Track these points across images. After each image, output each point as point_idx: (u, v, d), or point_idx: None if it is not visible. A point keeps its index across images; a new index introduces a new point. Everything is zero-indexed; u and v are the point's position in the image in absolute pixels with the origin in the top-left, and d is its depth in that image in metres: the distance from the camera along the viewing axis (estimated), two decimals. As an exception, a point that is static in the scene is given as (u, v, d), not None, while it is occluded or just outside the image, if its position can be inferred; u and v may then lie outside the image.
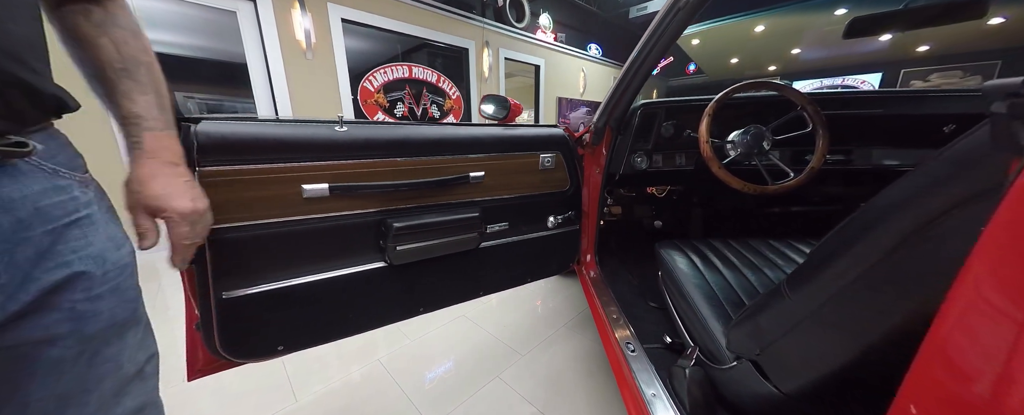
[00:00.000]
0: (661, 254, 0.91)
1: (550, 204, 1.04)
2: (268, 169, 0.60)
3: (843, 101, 1.07)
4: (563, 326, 1.43)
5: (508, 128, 0.93)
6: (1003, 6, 3.69)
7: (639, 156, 1.12)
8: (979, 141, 0.29)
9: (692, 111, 1.09)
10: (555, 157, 1.00)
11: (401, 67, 3.12)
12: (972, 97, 1.05)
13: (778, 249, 0.89)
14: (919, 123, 1.07)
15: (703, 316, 0.68)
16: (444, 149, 0.80)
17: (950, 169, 0.31)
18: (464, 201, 0.86)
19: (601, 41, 5.52)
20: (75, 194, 0.34)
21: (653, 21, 0.75)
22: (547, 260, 1.10)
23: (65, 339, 0.32)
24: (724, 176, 0.90)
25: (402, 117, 3.18)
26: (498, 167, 0.89)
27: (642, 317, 1.00)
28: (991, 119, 0.26)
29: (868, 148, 1.13)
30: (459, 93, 3.62)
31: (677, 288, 0.82)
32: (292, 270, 0.67)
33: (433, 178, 0.78)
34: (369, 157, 0.71)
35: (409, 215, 0.77)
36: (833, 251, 0.41)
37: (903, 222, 0.33)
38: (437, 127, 0.82)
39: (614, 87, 0.95)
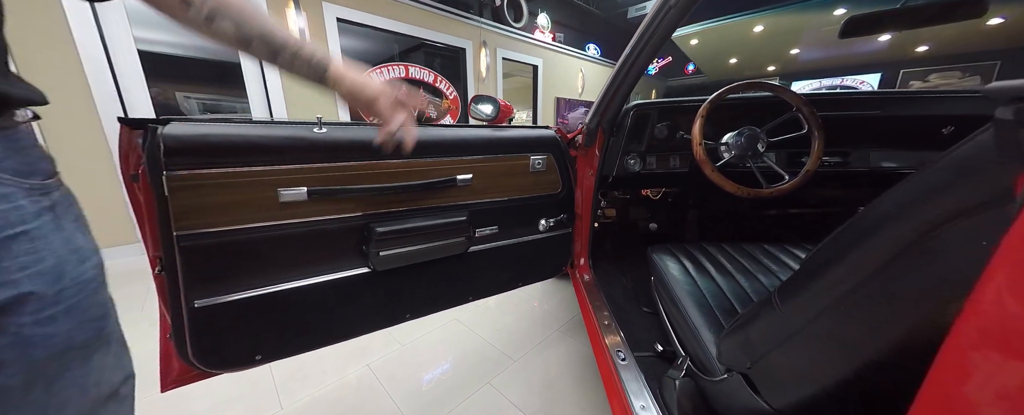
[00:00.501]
0: (653, 259, 0.89)
1: (541, 207, 1.03)
2: (241, 172, 0.58)
3: (839, 102, 1.05)
4: (557, 330, 1.41)
5: (498, 129, 0.91)
6: (1002, 6, 3.67)
7: (632, 158, 1.10)
8: (981, 147, 0.27)
9: (685, 112, 1.07)
10: (546, 159, 0.98)
11: (398, 67, 3.10)
12: (971, 98, 1.04)
13: (773, 254, 0.87)
14: (917, 124, 1.06)
15: (694, 325, 0.66)
16: (430, 151, 0.78)
17: (950, 177, 0.28)
18: (451, 204, 0.84)
19: (599, 41, 5.50)
20: (20, 203, 0.32)
21: (643, 21, 0.73)
22: (539, 264, 1.08)
23: (9, 367, 0.30)
24: (718, 179, 0.88)
25: (398, 117, 3.16)
26: (487, 169, 0.87)
27: (634, 322, 0.98)
28: (994, 124, 0.24)
29: (866, 150, 1.11)
30: (457, 93, 3.60)
31: (669, 294, 0.80)
32: (269, 277, 0.65)
33: (419, 181, 0.76)
34: (350, 159, 0.69)
35: (393, 219, 0.75)
36: (827, 261, 0.39)
37: (900, 232, 0.31)
38: (423, 128, 0.79)
39: (605, 88, 0.93)
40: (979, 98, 1.06)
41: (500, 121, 0.97)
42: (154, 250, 0.58)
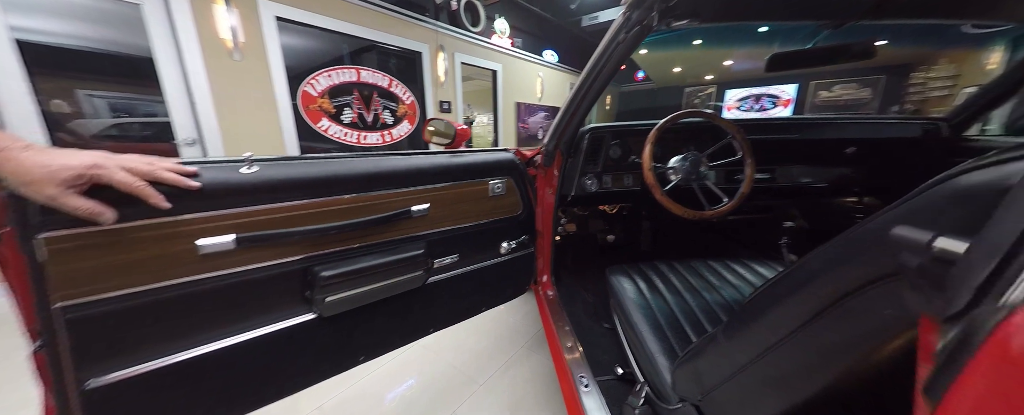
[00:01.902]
0: (611, 281, 0.92)
1: (503, 230, 1.01)
2: (148, 226, 0.50)
3: (766, 127, 1.17)
4: (523, 346, 1.41)
5: (455, 155, 0.88)
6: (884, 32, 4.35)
7: (590, 179, 1.13)
8: (875, 230, 0.30)
9: (636, 135, 1.14)
10: (506, 182, 0.97)
11: (348, 70, 2.91)
12: (867, 124, 1.21)
13: (716, 270, 0.94)
14: (827, 146, 1.21)
15: (650, 350, 0.69)
16: (381, 184, 0.73)
17: (856, 250, 0.32)
18: (408, 237, 0.79)
19: (557, 47, 5.63)
20: None
21: (594, 54, 0.76)
22: (502, 287, 1.07)
23: None
24: (666, 203, 0.93)
25: (351, 123, 2.98)
26: (445, 197, 0.84)
27: (595, 343, 1.00)
28: (900, 269, 0.26)
29: (788, 168, 1.25)
30: (413, 98, 3.48)
31: (625, 316, 0.83)
32: (191, 339, 0.56)
33: (369, 216, 0.71)
34: (290, 199, 0.62)
35: (341, 260, 0.69)
36: (764, 308, 0.42)
37: (824, 290, 0.34)
38: (372, 160, 0.74)
39: (562, 112, 0.94)
40: (872, 123, 1.23)
41: (457, 145, 0.94)
42: (29, 322, 0.47)
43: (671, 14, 0.64)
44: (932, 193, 0.25)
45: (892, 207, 0.29)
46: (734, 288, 0.85)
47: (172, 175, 0.49)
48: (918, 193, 0.27)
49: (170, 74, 2.05)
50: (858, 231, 0.32)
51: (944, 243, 0.22)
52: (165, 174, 0.48)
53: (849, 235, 0.33)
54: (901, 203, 0.28)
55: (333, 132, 2.84)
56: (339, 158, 0.72)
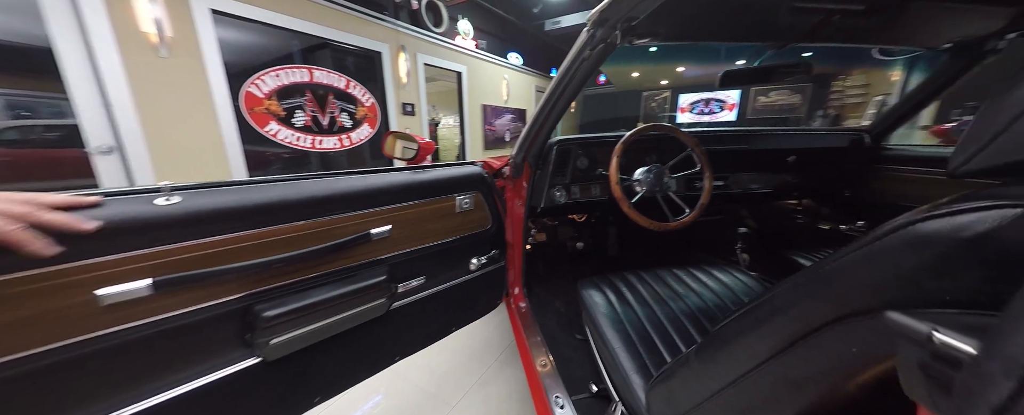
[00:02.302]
0: (582, 294, 0.91)
1: (472, 246, 0.98)
2: (27, 278, 0.40)
3: (721, 138, 1.24)
4: (496, 360, 1.37)
5: (418, 171, 0.83)
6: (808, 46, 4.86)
7: (558, 190, 1.13)
8: (838, 270, 0.30)
9: (602, 146, 1.16)
10: (474, 197, 0.93)
11: (299, 70, 2.70)
12: (805, 134, 1.33)
13: (680, 278, 0.97)
14: (772, 155, 1.31)
15: (624, 368, 0.69)
16: (335, 207, 0.66)
17: (817, 289, 0.32)
18: (368, 262, 0.73)
19: (521, 50, 5.65)
20: None
21: (560, 70, 0.76)
22: (473, 304, 1.03)
23: None
24: (634, 215, 0.95)
25: (304, 127, 2.76)
26: (408, 217, 0.78)
27: (569, 357, 0.99)
28: (900, 360, 0.25)
29: (739, 175, 1.33)
30: (374, 100, 3.31)
31: (598, 330, 0.83)
32: (95, 405, 0.47)
33: (321, 244, 0.64)
34: (222, 232, 0.54)
35: (288, 295, 0.62)
36: (734, 336, 0.43)
37: (789, 326, 0.34)
38: (325, 181, 0.67)
39: (530, 126, 0.93)
40: (809, 135, 1.35)
41: (421, 160, 0.88)
42: None
43: (633, 33, 0.64)
44: (892, 239, 0.26)
45: (854, 247, 0.29)
46: (697, 296, 0.88)
47: (58, 218, 0.40)
48: (878, 237, 0.27)
49: (75, 69, 1.76)
50: (823, 269, 0.32)
51: (947, 339, 0.21)
52: (48, 217, 0.39)
53: (814, 272, 0.33)
54: (863, 245, 0.28)
55: (283, 136, 2.62)
56: (286, 180, 0.64)
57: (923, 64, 3.60)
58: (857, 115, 4.53)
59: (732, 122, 6.38)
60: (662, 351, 0.70)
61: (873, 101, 4.29)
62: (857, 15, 0.73)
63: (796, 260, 1.06)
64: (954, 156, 0.28)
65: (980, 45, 0.93)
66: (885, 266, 0.26)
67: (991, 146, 0.25)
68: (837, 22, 0.74)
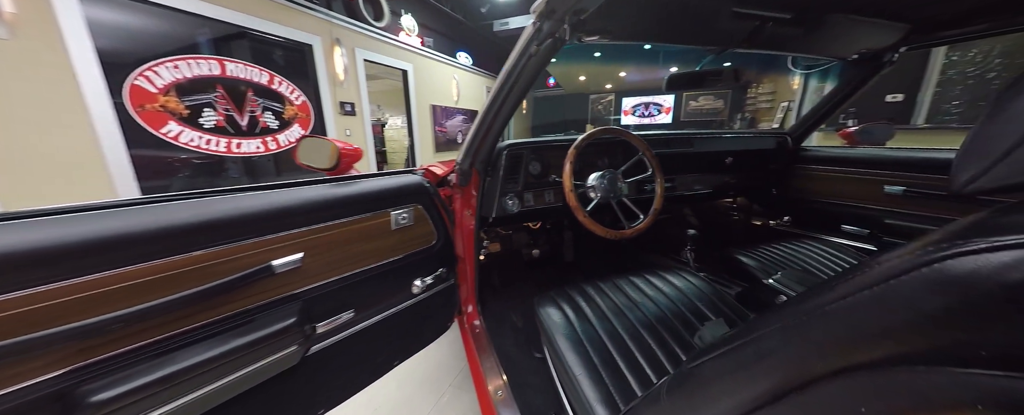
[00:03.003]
0: (539, 312, 0.84)
1: (414, 266, 0.85)
2: None
3: (669, 142, 1.26)
4: (449, 385, 1.25)
5: (339, 184, 0.69)
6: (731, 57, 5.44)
7: (511, 198, 1.05)
8: (849, 307, 0.25)
9: (555, 150, 1.11)
10: (413, 210, 0.81)
11: (207, 61, 2.31)
12: (740, 137, 1.42)
13: (636, 285, 0.94)
14: (713, 157, 1.37)
15: (587, 399, 0.62)
16: (218, 235, 0.51)
17: (817, 331, 0.27)
18: (269, 302, 0.58)
19: (471, 50, 5.54)
20: None
21: (505, 66, 0.67)
22: (418, 331, 0.91)
23: None
24: (589, 224, 0.91)
25: (215, 128, 2.37)
26: (327, 241, 0.64)
27: (527, 382, 0.92)
28: None
29: (684, 176, 1.37)
30: (305, 98, 2.97)
31: (556, 353, 0.76)
32: None
33: (193, 289, 0.48)
34: (29, 284, 0.36)
35: (138, 367, 0.45)
36: (711, 378, 0.37)
37: (779, 374, 0.29)
38: (204, 202, 0.51)
39: (475, 129, 0.83)
40: (743, 138, 1.44)
41: (344, 170, 0.74)
42: None
43: (582, 28, 0.59)
44: (912, 279, 0.20)
45: (859, 285, 0.24)
46: (654, 303, 0.86)
47: None
48: (893, 275, 0.22)
49: None
50: (819, 308, 0.27)
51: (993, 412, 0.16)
52: None
53: (808, 310, 0.27)
54: (870, 283, 0.23)
55: (187, 139, 2.22)
56: (142, 204, 0.47)
57: (818, 75, 4.20)
58: (768, 119, 5.18)
59: (668, 124, 6.92)
60: (627, 375, 0.65)
61: (780, 107, 4.95)
62: (786, 23, 0.76)
63: (739, 259, 1.10)
64: (958, 171, 0.24)
65: (879, 57, 1.04)
66: (902, 312, 0.20)
67: (1008, 160, 0.21)
68: (769, 30, 0.77)
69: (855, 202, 1.28)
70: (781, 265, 1.08)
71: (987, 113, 0.23)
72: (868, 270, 0.24)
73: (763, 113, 5.33)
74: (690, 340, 0.73)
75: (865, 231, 1.26)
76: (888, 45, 0.98)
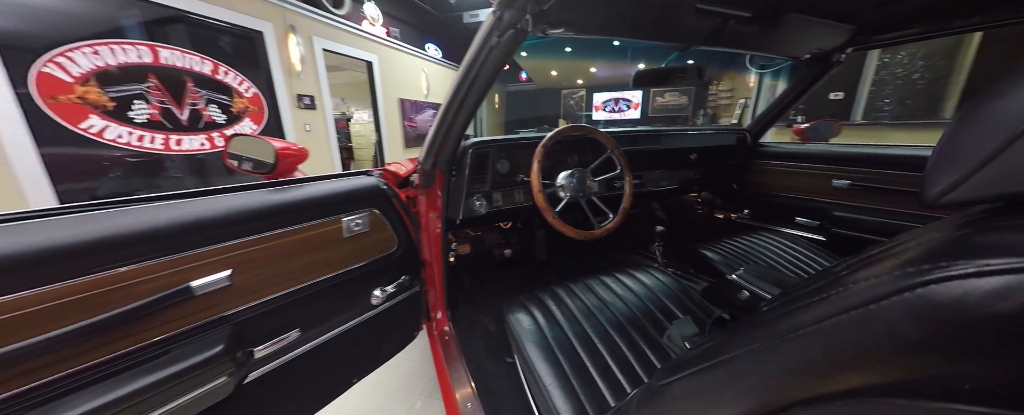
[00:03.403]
0: (508, 319, 0.81)
1: (372, 275, 0.79)
2: None
3: (636, 139, 1.26)
4: (421, 395, 1.20)
5: (280, 189, 0.61)
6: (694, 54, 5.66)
7: (478, 199, 1.00)
8: (824, 331, 0.23)
9: (523, 148, 1.08)
10: (369, 216, 0.75)
11: (135, 47, 2.05)
12: (704, 134, 1.45)
13: (606, 284, 0.94)
14: (678, 154, 1.40)
15: (558, 410, 0.60)
16: (117, 256, 0.43)
17: (789, 355, 0.25)
18: (190, 328, 0.50)
19: (440, 42, 5.36)
20: None
21: (465, 60, 0.63)
22: (377, 346, 0.85)
23: None
24: (558, 225, 0.89)
25: (149, 122, 2.13)
26: (262, 254, 0.57)
27: (497, 390, 0.89)
28: None
29: (652, 173, 1.39)
30: (256, 90, 2.73)
31: (525, 360, 0.73)
32: None
33: (85, 321, 0.40)
34: None
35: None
36: (682, 396, 0.35)
37: (751, 398, 0.27)
38: (93, 215, 0.43)
39: (436, 127, 0.78)
40: (706, 134, 1.48)
41: (285, 172, 0.67)
42: None
43: (545, 19, 0.56)
44: (891, 305, 0.19)
45: (836, 309, 0.22)
46: (623, 302, 0.86)
47: None
48: (872, 299, 0.20)
49: None
50: (792, 330, 0.24)
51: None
52: None
53: (781, 332, 0.25)
54: (848, 307, 0.21)
55: (114, 135, 1.98)
56: (22, 219, 0.38)
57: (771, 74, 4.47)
58: (728, 114, 5.48)
59: (637, 119, 7.12)
60: (598, 382, 0.63)
61: (738, 103, 5.25)
62: (746, 22, 0.77)
63: (704, 254, 1.13)
64: (930, 181, 0.23)
65: (828, 57, 1.09)
66: (882, 339, 0.19)
67: (985, 170, 0.19)
68: (731, 28, 0.77)
69: (807, 195, 1.36)
70: (743, 259, 1.12)
71: (958, 119, 0.22)
72: (844, 289, 0.22)
73: (723, 109, 5.65)
74: (659, 340, 0.73)
75: (816, 223, 1.34)
76: (836, 46, 1.03)
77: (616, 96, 7.39)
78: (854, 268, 0.26)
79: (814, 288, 0.26)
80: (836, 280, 0.24)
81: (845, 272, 0.26)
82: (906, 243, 0.26)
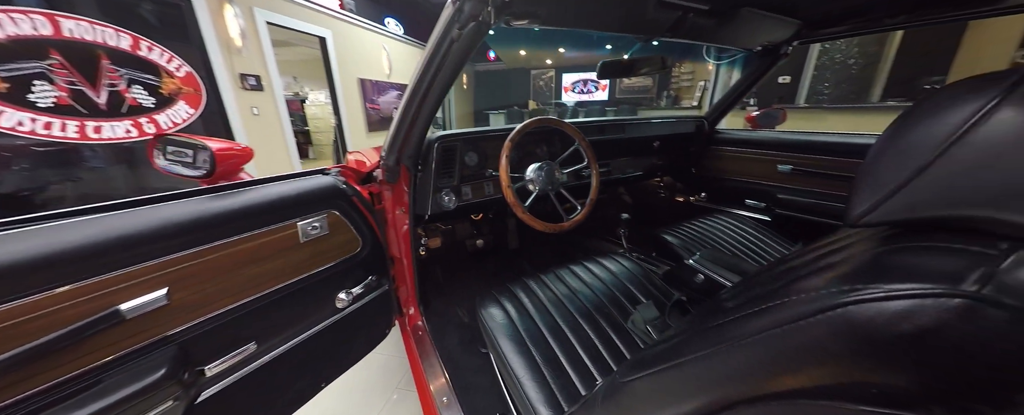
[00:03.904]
0: (481, 314, 0.82)
1: (336, 278, 0.76)
2: None
3: (603, 128, 1.28)
4: (396, 388, 1.21)
5: (219, 196, 0.56)
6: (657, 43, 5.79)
7: (446, 194, 0.98)
8: (764, 341, 0.25)
9: (491, 140, 1.06)
10: (327, 217, 0.71)
11: (27, 17, 1.74)
12: (665, 123, 1.51)
13: (575, 274, 0.97)
14: (642, 142, 1.45)
15: (531, 400, 0.63)
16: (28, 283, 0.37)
17: (733, 360, 0.27)
18: (126, 353, 0.46)
19: (401, 16, 5.02)
20: None
21: (425, 53, 0.60)
22: (346, 349, 0.84)
23: None
24: (528, 220, 0.90)
25: (58, 107, 1.84)
26: (205, 267, 0.53)
27: (472, 383, 0.90)
28: None
29: (619, 160, 1.43)
30: (189, 68, 2.44)
31: (499, 353, 0.75)
32: None
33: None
34: None
35: None
36: (645, 392, 0.38)
37: (700, 396, 0.29)
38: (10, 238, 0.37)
39: (398, 122, 0.74)
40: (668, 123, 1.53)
41: (226, 175, 0.60)
42: None
43: (508, 11, 0.54)
44: (819, 322, 0.21)
45: (773, 323, 0.24)
46: (591, 289, 0.89)
47: None
48: (802, 315, 0.22)
49: None
50: (738, 338, 0.27)
51: None
52: None
53: (730, 339, 0.28)
54: (782, 321, 0.23)
55: (12, 122, 1.70)
56: None
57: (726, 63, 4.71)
58: (689, 96, 5.75)
59: (605, 100, 7.23)
60: (569, 372, 0.66)
61: (698, 85, 5.52)
62: (704, 15, 0.79)
63: (665, 238, 1.19)
64: (853, 204, 0.25)
65: (777, 49, 1.15)
66: (808, 350, 0.21)
67: (897, 197, 0.22)
68: (690, 20, 0.79)
69: (755, 179, 1.46)
70: (699, 241, 1.19)
71: (878, 147, 0.24)
72: (785, 300, 0.24)
73: (685, 91, 5.94)
74: (624, 325, 0.77)
75: (762, 205, 1.46)
76: (784, 39, 1.09)
77: (585, 77, 7.40)
78: (794, 276, 0.29)
79: (759, 294, 0.29)
80: (776, 291, 0.26)
81: (784, 282, 0.28)
82: (840, 251, 0.28)
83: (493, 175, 1.04)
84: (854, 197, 0.25)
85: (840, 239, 0.33)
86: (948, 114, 0.21)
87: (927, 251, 0.21)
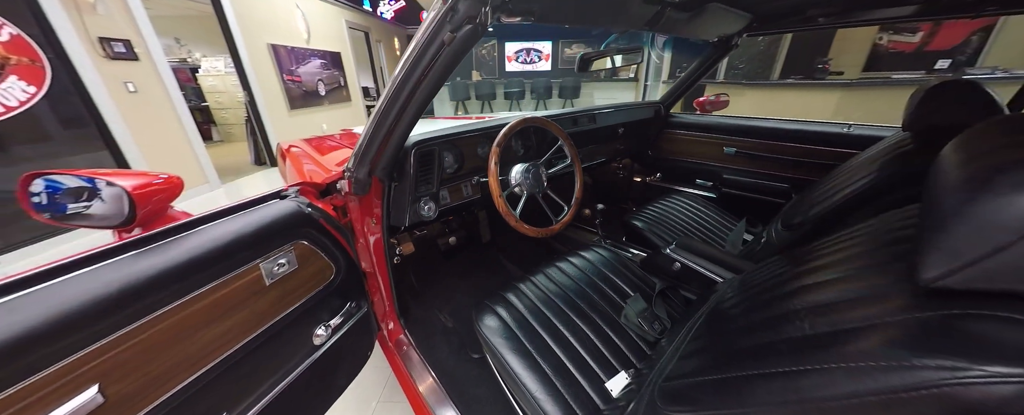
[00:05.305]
0: (479, 328, 0.79)
1: (311, 313, 0.67)
2: None
3: (576, 120, 1.28)
4: (377, 402, 1.15)
5: (152, 249, 0.42)
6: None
7: (425, 203, 0.90)
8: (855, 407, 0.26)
9: (470, 141, 1.00)
10: (294, 250, 0.60)
11: None
12: (630, 109, 1.55)
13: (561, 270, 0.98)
14: (609, 130, 1.48)
15: (539, 404, 0.63)
16: None
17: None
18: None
19: (314, -33, 4.24)
20: None
21: (407, 57, 0.50)
22: (328, 383, 0.76)
23: None
24: (521, 228, 0.87)
25: None
26: (145, 346, 0.41)
27: (475, 396, 0.89)
28: None
29: (590, 148, 1.45)
30: (19, 31, 1.80)
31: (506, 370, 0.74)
32: None
33: None
34: None
35: None
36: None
37: None
38: None
39: (369, 135, 0.64)
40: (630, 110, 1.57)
41: (154, 216, 0.45)
42: None
43: (504, 9, 0.48)
44: (923, 398, 0.22)
45: (867, 391, 0.25)
46: (578, 284, 0.91)
47: None
48: (904, 388, 0.23)
49: None
50: (815, 404, 0.28)
51: None
52: None
53: (797, 398, 0.29)
54: (881, 391, 0.25)
55: None
56: None
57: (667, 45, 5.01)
58: (627, 70, 6.03)
59: (548, 71, 7.22)
60: (580, 381, 0.68)
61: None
62: (678, 8, 0.81)
63: (634, 224, 1.26)
64: (926, 267, 0.26)
65: (729, 40, 1.23)
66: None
67: (979, 265, 0.23)
68: (667, 14, 0.81)
69: (705, 161, 1.60)
70: (662, 223, 1.29)
71: (948, 208, 0.26)
72: (842, 365, 0.25)
73: (622, 68, 6.23)
74: (616, 319, 0.81)
75: (710, 183, 1.61)
76: (737, 31, 1.16)
77: (527, 46, 7.22)
78: (827, 310, 0.31)
79: (793, 334, 0.31)
80: (820, 336, 0.28)
81: (824, 324, 0.30)
82: (861, 279, 0.31)
83: (482, 182, 1.00)
84: (926, 261, 0.27)
85: (839, 250, 0.37)
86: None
87: (1007, 324, 0.23)
